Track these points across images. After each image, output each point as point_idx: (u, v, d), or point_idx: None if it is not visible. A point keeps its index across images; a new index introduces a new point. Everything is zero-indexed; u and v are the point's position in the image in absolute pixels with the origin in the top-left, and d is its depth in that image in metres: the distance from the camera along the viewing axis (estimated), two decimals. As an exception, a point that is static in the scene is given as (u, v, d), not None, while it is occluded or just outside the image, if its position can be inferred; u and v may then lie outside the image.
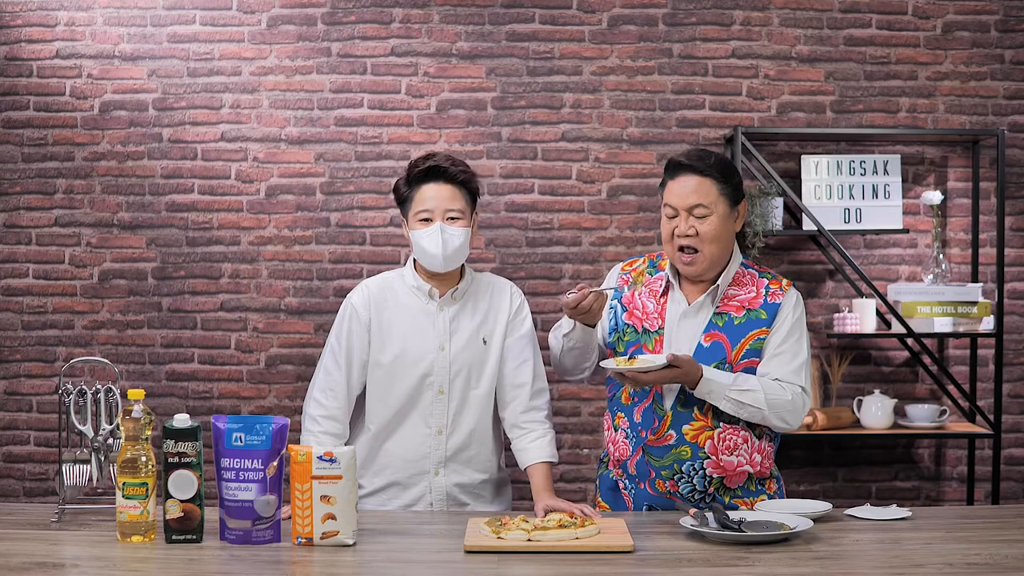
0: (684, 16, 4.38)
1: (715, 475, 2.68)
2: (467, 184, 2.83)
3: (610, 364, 2.64)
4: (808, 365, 2.74)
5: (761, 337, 2.71)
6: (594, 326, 2.74)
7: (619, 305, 2.80)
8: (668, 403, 2.69)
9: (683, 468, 2.68)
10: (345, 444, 2.84)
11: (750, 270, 2.80)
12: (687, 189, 2.69)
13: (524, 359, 2.87)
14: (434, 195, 2.78)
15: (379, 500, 2.85)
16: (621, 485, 2.77)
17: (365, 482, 2.86)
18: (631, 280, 2.82)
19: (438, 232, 2.76)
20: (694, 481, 2.68)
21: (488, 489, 2.89)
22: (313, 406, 2.85)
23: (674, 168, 2.73)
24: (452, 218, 2.78)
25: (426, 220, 2.78)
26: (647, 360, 2.61)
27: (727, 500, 2.70)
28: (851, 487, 4.45)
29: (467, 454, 2.85)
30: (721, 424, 2.67)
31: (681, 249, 2.69)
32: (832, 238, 4.16)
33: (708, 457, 2.67)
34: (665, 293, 2.78)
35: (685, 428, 2.67)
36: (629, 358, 2.65)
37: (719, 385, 2.62)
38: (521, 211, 4.40)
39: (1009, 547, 2.27)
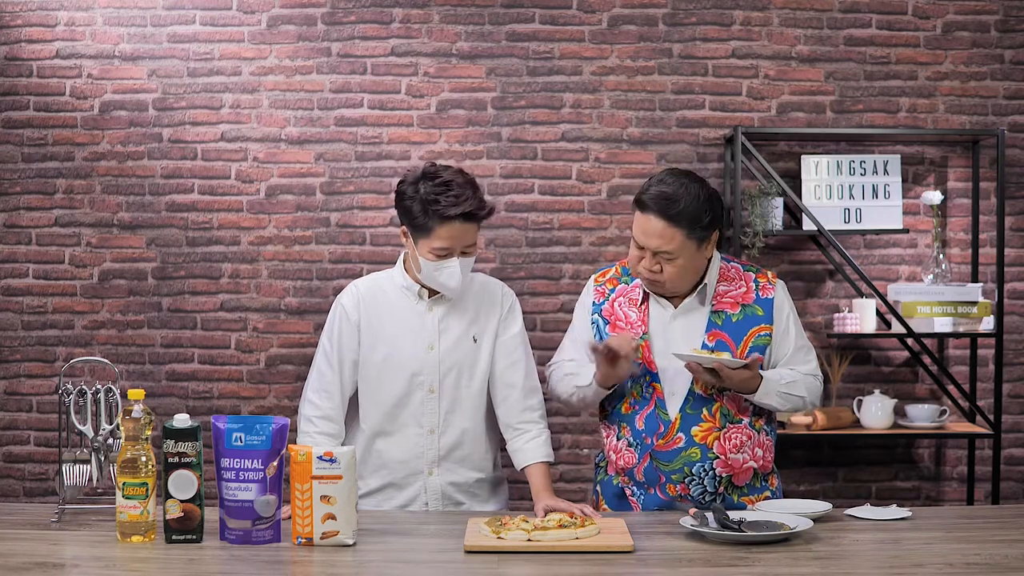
0: (684, 16, 4.38)
1: (724, 474, 2.69)
2: (486, 219, 2.78)
3: (685, 353, 2.62)
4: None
5: (763, 333, 2.73)
6: (611, 388, 2.74)
7: (600, 319, 2.80)
8: (673, 408, 2.70)
9: (693, 470, 2.68)
10: (342, 444, 2.84)
11: (732, 264, 2.81)
12: (652, 231, 2.63)
13: (515, 359, 2.86)
14: (459, 235, 2.70)
15: (375, 501, 2.85)
16: (628, 492, 2.77)
17: (361, 483, 2.85)
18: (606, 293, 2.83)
19: (457, 269, 2.72)
20: (704, 482, 2.69)
21: (484, 488, 2.89)
22: (308, 407, 2.85)
23: (642, 204, 2.66)
24: (466, 252, 2.74)
25: (444, 256, 2.72)
26: (734, 359, 2.61)
27: (736, 499, 2.71)
28: (851, 487, 4.45)
29: (460, 453, 2.85)
30: (728, 424, 2.69)
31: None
32: (832, 238, 4.16)
33: (717, 457, 2.68)
34: (645, 300, 2.77)
35: (694, 430, 2.68)
36: (712, 350, 2.66)
37: (773, 384, 2.68)
38: (521, 211, 4.40)
39: (1009, 547, 2.27)
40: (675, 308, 2.74)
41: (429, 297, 2.83)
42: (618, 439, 2.76)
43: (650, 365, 2.72)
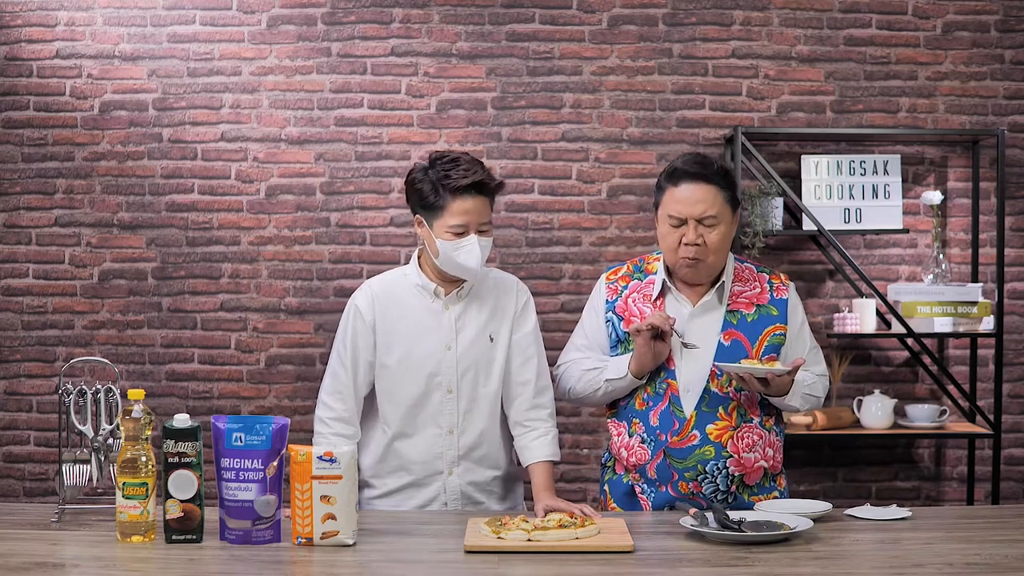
0: (684, 16, 4.38)
1: (737, 473, 2.70)
2: (496, 193, 2.78)
3: (732, 366, 2.63)
4: None
5: (778, 333, 2.75)
6: (643, 377, 2.74)
7: (615, 316, 2.80)
8: (689, 405, 2.70)
9: (707, 468, 2.69)
10: (360, 444, 2.85)
11: (746, 265, 2.83)
12: (695, 198, 2.65)
13: (528, 356, 2.85)
14: (472, 209, 2.69)
15: (394, 501, 2.83)
16: (638, 489, 2.76)
17: (380, 483, 2.84)
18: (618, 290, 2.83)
19: (476, 246, 2.70)
20: (717, 481, 2.69)
21: (500, 485, 2.88)
22: (323, 409, 2.83)
23: (678, 176, 2.68)
24: (482, 230, 2.73)
25: (461, 233, 2.71)
26: (781, 367, 2.63)
27: (746, 497, 2.72)
28: (851, 487, 4.45)
29: (479, 452, 2.84)
30: (742, 423, 2.70)
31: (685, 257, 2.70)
32: (832, 238, 4.16)
33: (731, 456, 2.69)
34: (660, 296, 2.78)
35: (709, 428, 2.69)
36: (763, 359, 2.71)
37: (799, 386, 2.72)
38: (521, 211, 4.40)
39: (1009, 547, 2.27)
40: (694, 306, 2.75)
41: (445, 295, 2.82)
42: (629, 435, 2.76)
43: (667, 361, 2.72)
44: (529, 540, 2.28)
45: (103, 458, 2.56)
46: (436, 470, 2.82)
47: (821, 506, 2.58)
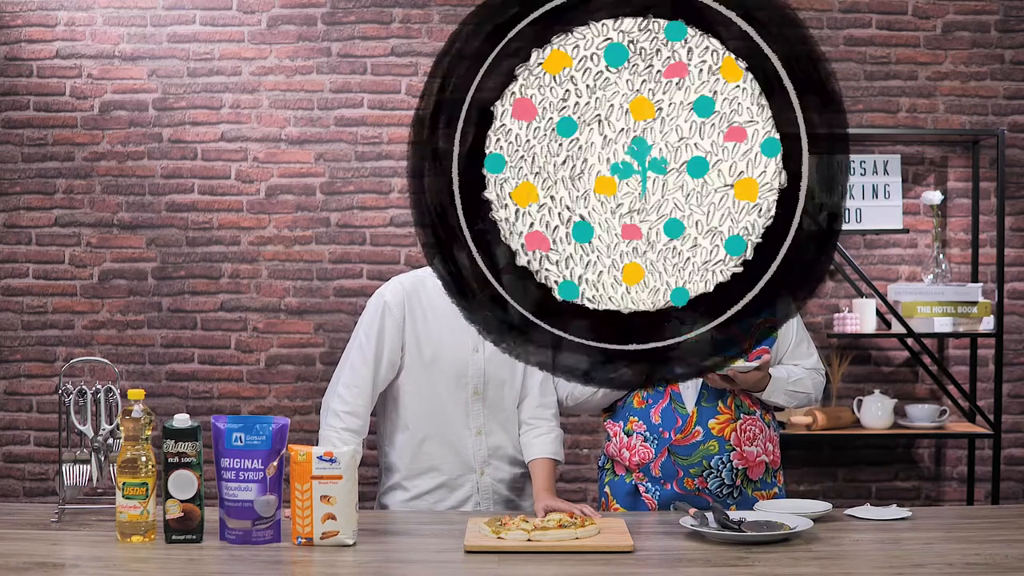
0: (684, 16, 4.38)
1: (740, 467, 2.72)
2: None
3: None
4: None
5: (768, 326, 2.74)
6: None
7: None
8: (691, 401, 2.72)
9: (711, 463, 2.71)
10: (388, 447, 2.87)
11: None
12: None
13: None
14: None
15: (427, 502, 2.84)
16: (642, 489, 2.77)
17: (411, 484, 2.85)
18: None
19: None
20: (722, 475, 2.71)
21: (525, 482, 2.91)
22: (337, 402, 2.81)
23: None
24: None
25: None
26: (746, 364, 2.66)
27: (750, 492, 2.74)
28: (851, 487, 4.45)
29: (505, 451, 2.87)
30: (742, 415, 2.72)
31: None
32: (832, 238, 4.15)
33: (733, 449, 2.71)
34: None
35: (711, 423, 2.71)
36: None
37: (780, 382, 2.74)
38: (521, 211, 4.40)
39: (1009, 547, 2.27)
40: None
41: None
42: (627, 434, 2.76)
43: None
44: (529, 540, 2.28)
45: (103, 458, 2.56)
46: (468, 470, 2.84)
47: (821, 506, 2.59)
